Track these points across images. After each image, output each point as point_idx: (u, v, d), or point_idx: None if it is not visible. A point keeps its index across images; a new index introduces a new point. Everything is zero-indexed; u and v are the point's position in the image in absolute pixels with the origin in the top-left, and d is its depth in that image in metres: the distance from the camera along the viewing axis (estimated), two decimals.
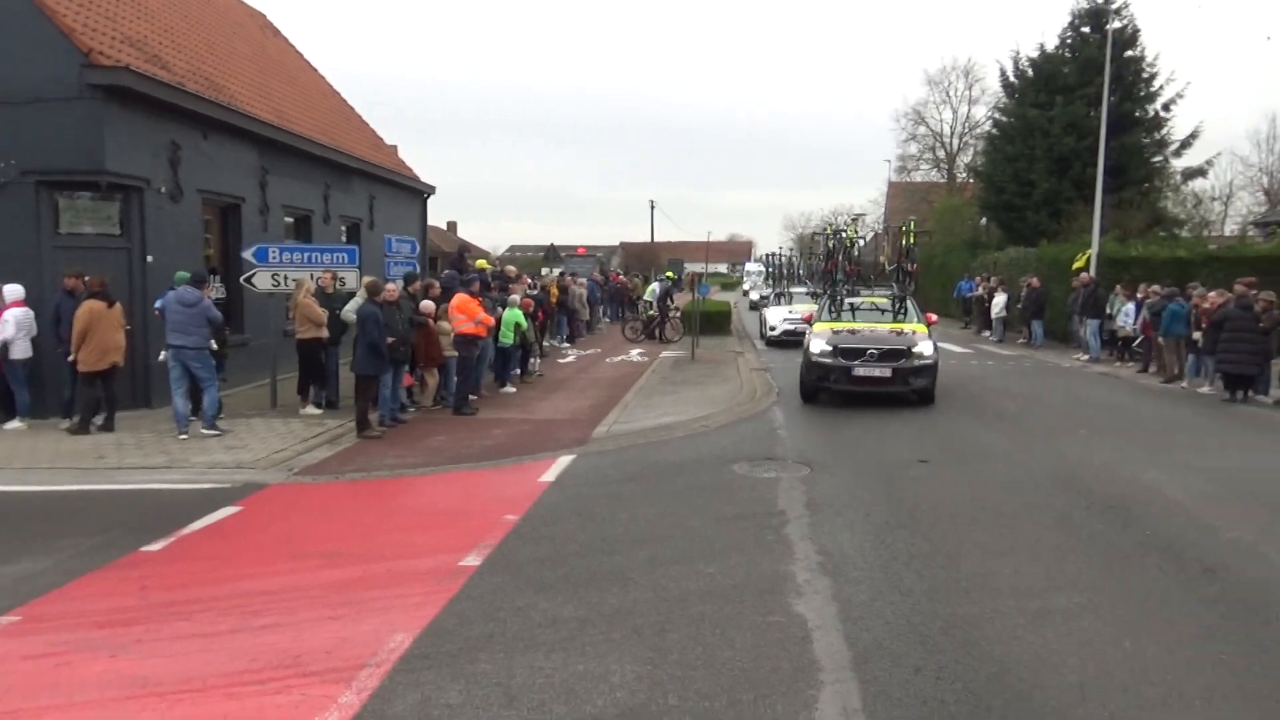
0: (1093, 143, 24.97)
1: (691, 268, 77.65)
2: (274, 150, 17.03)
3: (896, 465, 9.69)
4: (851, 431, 11.67)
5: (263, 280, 13.28)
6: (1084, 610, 5.60)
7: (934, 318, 15.41)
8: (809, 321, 16.01)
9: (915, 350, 13.64)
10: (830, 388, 13.73)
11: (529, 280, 20.65)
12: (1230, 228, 44.44)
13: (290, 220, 18.29)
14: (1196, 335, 15.72)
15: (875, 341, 13.74)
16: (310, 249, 14.20)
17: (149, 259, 13.20)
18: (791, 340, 21.18)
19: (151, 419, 12.40)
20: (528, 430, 11.83)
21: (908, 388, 13.52)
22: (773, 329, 24.19)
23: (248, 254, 13.53)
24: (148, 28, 15.10)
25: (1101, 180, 23.29)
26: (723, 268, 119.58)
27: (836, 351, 13.66)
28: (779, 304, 26.48)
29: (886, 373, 13.42)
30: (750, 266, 67.31)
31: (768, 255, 28.96)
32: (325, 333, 12.72)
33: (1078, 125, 29.86)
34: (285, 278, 13.25)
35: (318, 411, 12.84)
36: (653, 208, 68.72)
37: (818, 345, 13.89)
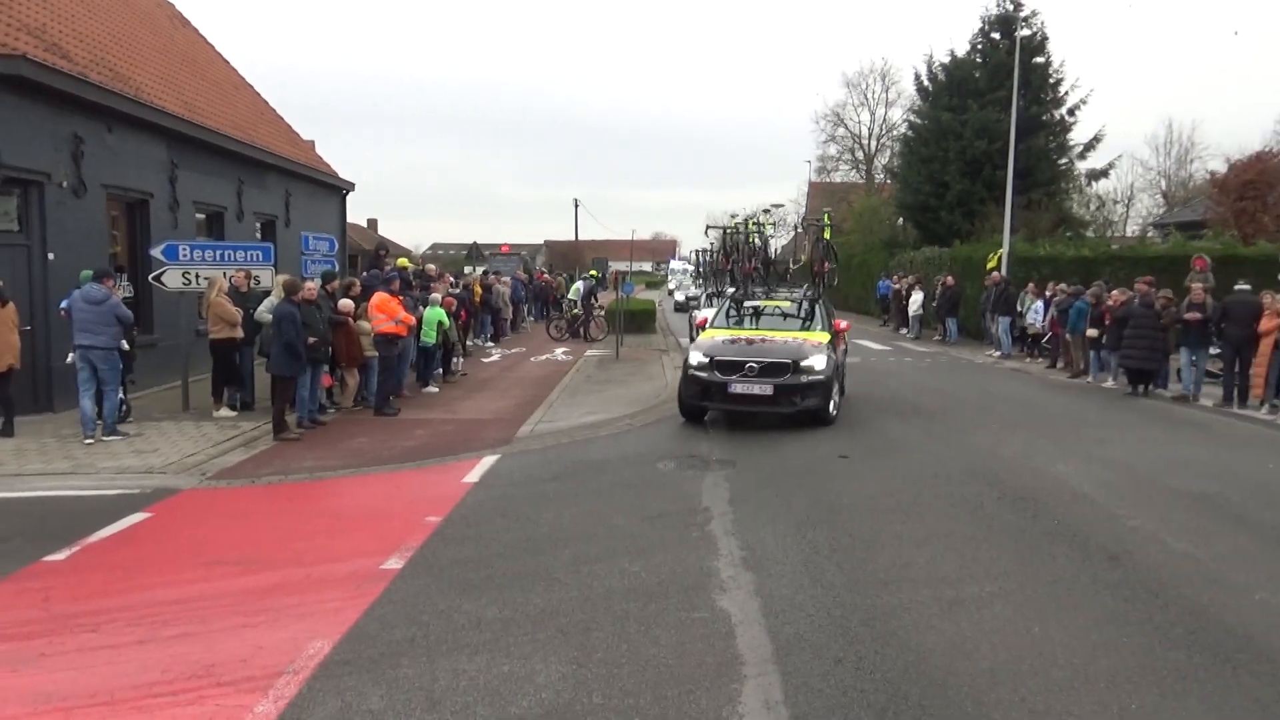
0: (1003, 146, 25.84)
1: (616, 266, 77.51)
2: (184, 144, 16.50)
3: (817, 460, 9.84)
4: (774, 429, 11.80)
5: (173, 278, 12.87)
6: (996, 598, 5.77)
7: (844, 324, 13.44)
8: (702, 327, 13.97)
9: (804, 364, 11.49)
10: (712, 407, 11.82)
11: (451, 279, 20.47)
12: (1131, 228, 46.53)
13: (202, 217, 17.75)
14: (1092, 332, 16.38)
15: (758, 354, 11.61)
16: (223, 246, 13.81)
17: (50, 256, 12.67)
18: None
19: (55, 423, 11.91)
20: (451, 430, 11.71)
21: (793, 408, 11.44)
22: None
23: (157, 251, 13.09)
24: (47, 15, 14.48)
25: (1011, 182, 24.14)
26: (647, 266, 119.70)
27: (713, 364, 11.62)
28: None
29: (768, 390, 11.37)
30: (675, 264, 66.87)
31: (696, 252, 26.06)
32: (240, 332, 12.40)
33: (988, 129, 30.78)
34: (197, 276, 12.86)
35: (232, 414, 12.51)
36: (576, 206, 68.12)
37: (695, 357, 11.87)
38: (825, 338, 12.40)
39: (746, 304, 13.65)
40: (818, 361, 11.60)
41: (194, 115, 17.06)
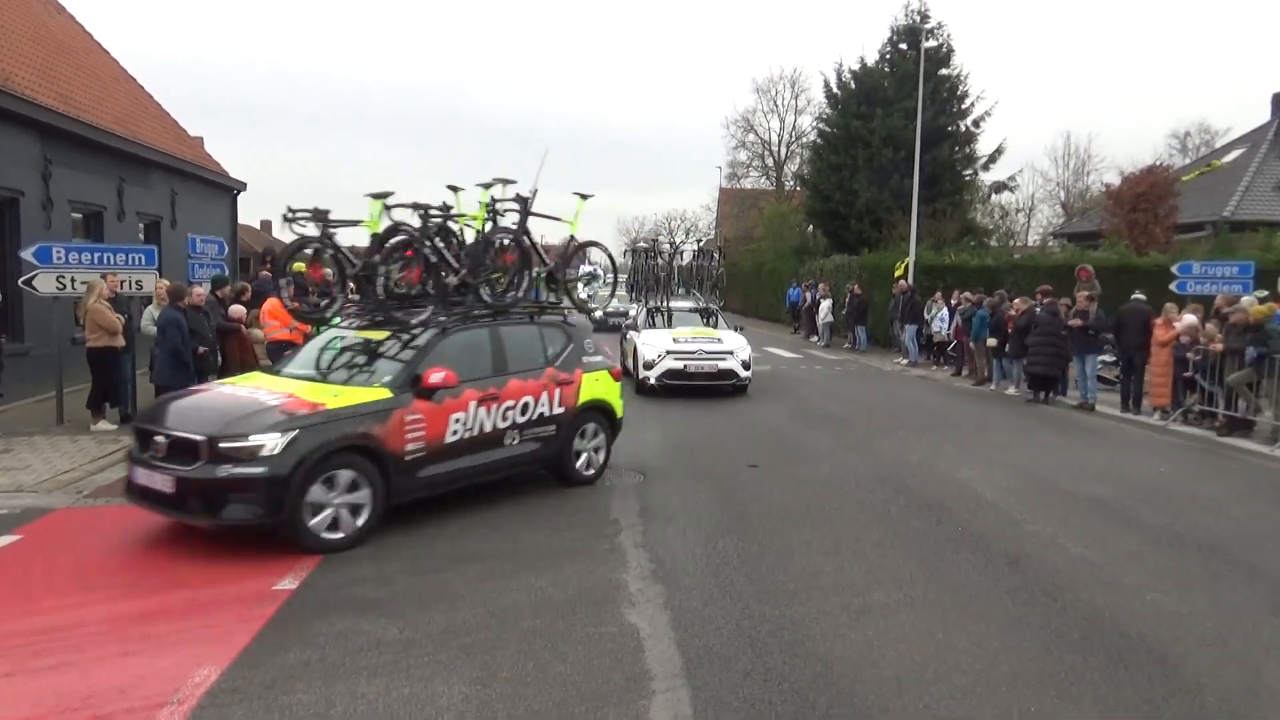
0: (909, 154, 26.57)
1: None
2: (59, 139, 15.79)
3: (728, 470, 9.99)
4: (685, 438, 11.94)
5: (45, 283, 12.29)
6: (902, 605, 5.96)
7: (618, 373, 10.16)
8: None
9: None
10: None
11: (351, 285, 20.00)
12: (1033, 238, 48.56)
13: (79, 217, 17.01)
14: (992, 341, 17.02)
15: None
16: (102, 249, 13.24)
17: None
18: (685, 384, 15.76)
19: None
20: None
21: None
22: (651, 365, 15.96)
23: (27, 254, 12.48)
24: None
25: (917, 191, 24.98)
26: None
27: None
28: (653, 325, 17.91)
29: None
30: (585, 269, 66.43)
31: (633, 248, 21.48)
32: (120, 340, 11.92)
33: (895, 137, 31.70)
34: (73, 280, 12.32)
35: (112, 428, 12.02)
36: (483, 208, 66.95)
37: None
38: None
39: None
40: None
41: (70, 108, 16.34)
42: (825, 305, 27.11)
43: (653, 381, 15.76)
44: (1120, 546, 7.33)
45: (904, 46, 33.93)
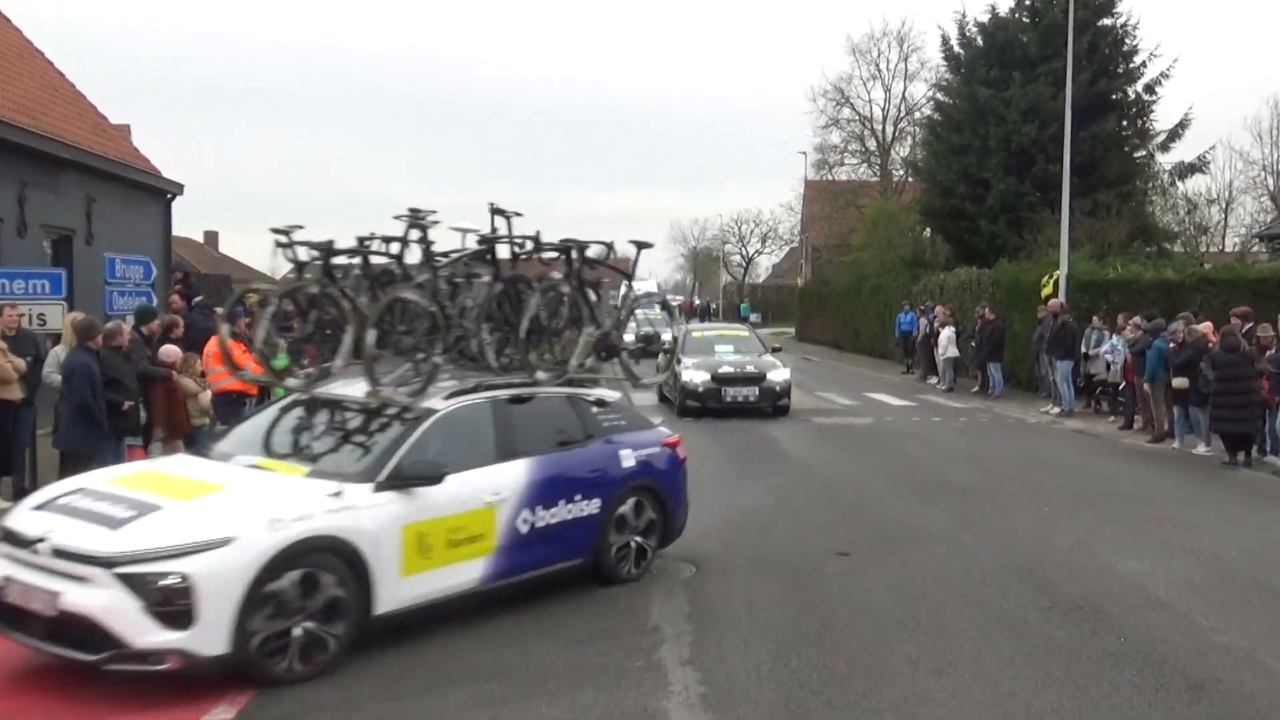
0: (1058, 132, 26.17)
1: None
2: None
3: (806, 557, 9.97)
4: (751, 510, 11.90)
5: None
6: None
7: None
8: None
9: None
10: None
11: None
12: (1232, 240, 47.57)
13: None
14: (1179, 382, 16.38)
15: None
16: None
17: None
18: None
19: None
20: None
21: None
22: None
23: None
24: None
25: (1069, 179, 24.53)
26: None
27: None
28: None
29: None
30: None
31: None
32: (16, 392, 12.17)
33: (1040, 109, 31.35)
34: None
35: (4, 505, 12.25)
36: (494, 215, 67.00)
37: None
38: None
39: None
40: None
41: None
42: (946, 335, 26.68)
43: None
44: None
45: None
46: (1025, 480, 14.17)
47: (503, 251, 9.31)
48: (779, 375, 21.12)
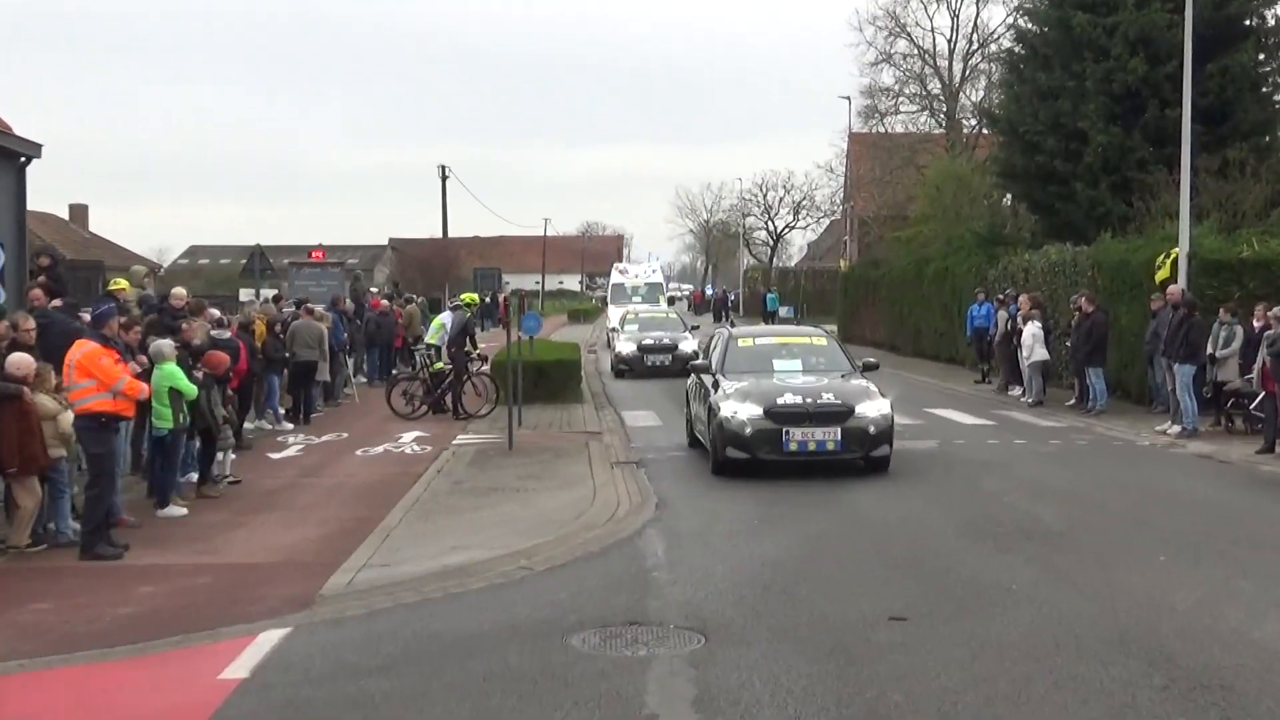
0: (1176, 70, 25.25)
1: (516, 283, 75.66)
2: None
3: (852, 625, 9.59)
4: (779, 561, 11.65)
5: None
6: None
7: None
8: None
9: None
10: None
11: (215, 313, 19.49)
12: None
13: None
14: None
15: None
16: None
17: None
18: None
19: None
20: (206, 585, 11.55)
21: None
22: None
23: None
24: None
25: (1190, 130, 23.23)
26: (571, 282, 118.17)
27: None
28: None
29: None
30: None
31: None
32: None
33: (1151, 40, 30.15)
34: None
35: None
36: (445, 179, 64.89)
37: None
38: None
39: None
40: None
41: None
42: (1032, 333, 25.47)
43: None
44: None
45: None
46: (1134, 522, 13.59)
47: None
48: (874, 408, 16.23)
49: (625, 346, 34.38)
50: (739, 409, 15.96)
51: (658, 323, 37.25)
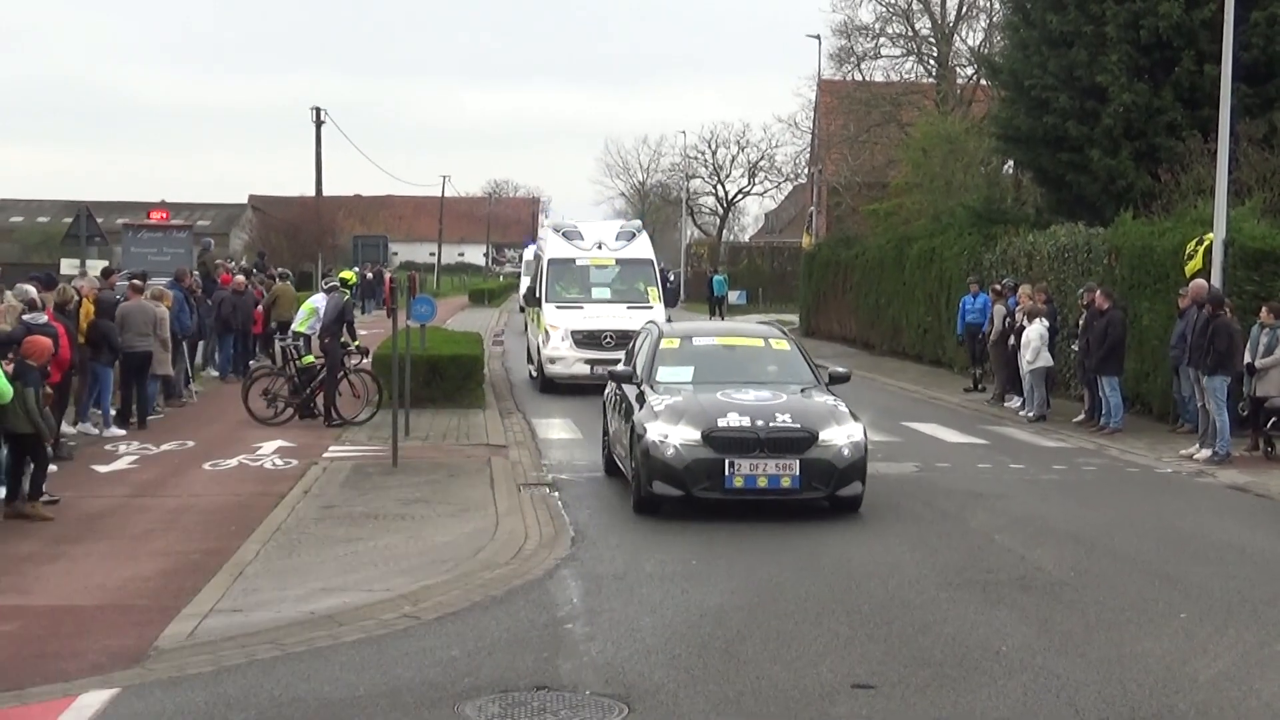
0: (1216, 13, 23.95)
1: (406, 254, 72.24)
2: None
3: (808, 694, 9.13)
4: (722, 618, 10.95)
5: None
6: None
7: None
8: None
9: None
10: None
11: (29, 290, 18.18)
12: None
13: None
14: None
15: None
16: None
17: None
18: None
19: None
20: (12, 634, 10.84)
21: None
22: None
23: None
24: None
25: (1230, 88, 21.96)
26: (474, 254, 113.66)
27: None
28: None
29: None
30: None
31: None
32: None
33: None
34: None
35: None
36: (319, 124, 61.68)
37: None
38: None
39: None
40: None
41: None
42: (1036, 332, 24.26)
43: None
44: None
45: None
46: (1151, 571, 12.79)
47: None
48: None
49: (674, 432, 14.28)
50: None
51: (748, 362, 16.64)
